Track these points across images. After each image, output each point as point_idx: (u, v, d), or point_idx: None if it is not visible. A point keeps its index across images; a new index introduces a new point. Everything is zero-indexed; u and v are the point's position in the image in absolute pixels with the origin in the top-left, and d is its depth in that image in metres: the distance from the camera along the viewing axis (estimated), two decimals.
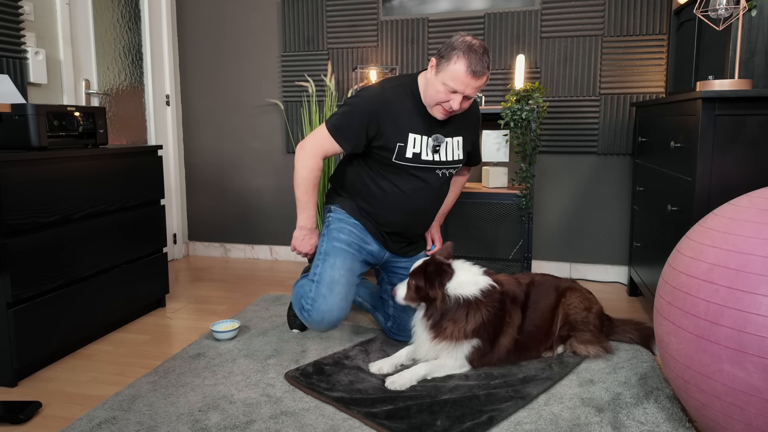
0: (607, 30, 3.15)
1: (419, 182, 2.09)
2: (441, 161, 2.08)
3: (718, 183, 1.87)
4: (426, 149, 2.04)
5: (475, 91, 1.89)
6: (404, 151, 2.01)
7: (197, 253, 4.06)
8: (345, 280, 2.04)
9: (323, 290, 2.00)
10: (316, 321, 1.99)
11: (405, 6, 3.42)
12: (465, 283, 2.00)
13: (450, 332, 1.96)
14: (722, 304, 1.33)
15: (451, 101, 1.90)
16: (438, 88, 1.90)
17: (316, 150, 2.05)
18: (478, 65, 1.83)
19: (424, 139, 2.03)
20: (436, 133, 2.04)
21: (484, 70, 1.85)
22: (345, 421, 1.72)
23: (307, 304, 2.00)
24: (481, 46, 1.87)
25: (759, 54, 2.13)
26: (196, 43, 3.84)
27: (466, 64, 1.83)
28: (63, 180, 2.19)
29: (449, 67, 1.85)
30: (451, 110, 1.94)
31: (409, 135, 2.00)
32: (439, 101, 1.92)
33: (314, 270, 2.09)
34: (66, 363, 2.21)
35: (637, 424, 1.69)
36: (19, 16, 2.63)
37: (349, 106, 2.02)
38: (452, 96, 1.89)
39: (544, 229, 3.40)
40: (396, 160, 2.02)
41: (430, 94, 1.94)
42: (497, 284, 2.06)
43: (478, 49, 1.84)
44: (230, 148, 3.89)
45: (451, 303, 1.96)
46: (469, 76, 1.84)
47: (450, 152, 2.10)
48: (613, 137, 3.21)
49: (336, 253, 2.09)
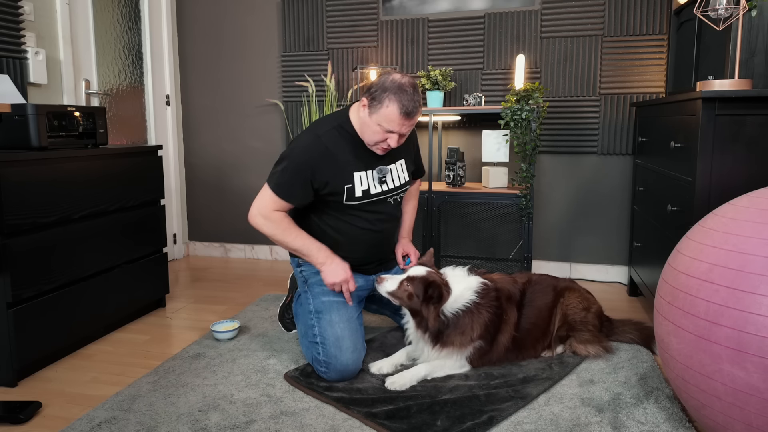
0: (607, 30, 3.15)
1: (374, 215, 2.10)
2: (390, 189, 2.11)
3: (718, 183, 1.87)
4: (373, 183, 2.06)
5: (410, 128, 1.93)
6: (353, 191, 2.02)
7: (197, 253, 4.06)
8: (349, 333, 2.00)
9: (332, 350, 1.96)
10: (337, 379, 1.97)
11: (405, 6, 3.42)
12: (459, 296, 1.98)
13: (460, 342, 1.96)
14: (722, 304, 1.33)
15: (389, 140, 1.93)
16: (374, 128, 1.93)
17: (268, 209, 2.01)
18: (409, 105, 1.86)
19: (369, 173, 2.05)
20: (379, 165, 2.07)
21: (416, 109, 1.88)
22: (345, 421, 1.72)
23: (322, 367, 1.97)
24: (411, 84, 1.89)
25: (759, 54, 2.13)
26: (196, 43, 3.84)
27: (398, 106, 1.85)
28: (63, 180, 2.19)
29: (382, 110, 1.87)
30: (390, 147, 1.98)
31: (354, 174, 2.02)
32: (377, 141, 1.95)
33: (312, 331, 2.03)
34: (66, 363, 2.21)
35: (637, 424, 1.69)
36: (19, 16, 2.63)
37: (287, 161, 2.00)
38: (389, 135, 1.92)
39: (544, 229, 3.40)
40: (347, 201, 2.03)
41: (367, 135, 1.97)
42: (488, 281, 2.06)
43: (408, 89, 1.86)
44: (230, 148, 3.89)
45: (450, 320, 1.95)
46: (403, 117, 1.87)
47: (396, 178, 2.13)
48: (613, 137, 3.21)
49: (328, 308, 2.04)
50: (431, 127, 3.04)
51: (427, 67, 3.42)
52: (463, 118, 3.36)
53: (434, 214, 3.04)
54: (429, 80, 3.13)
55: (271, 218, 2.01)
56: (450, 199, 3.03)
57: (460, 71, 3.37)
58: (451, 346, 1.97)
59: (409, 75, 2.01)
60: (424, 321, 1.95)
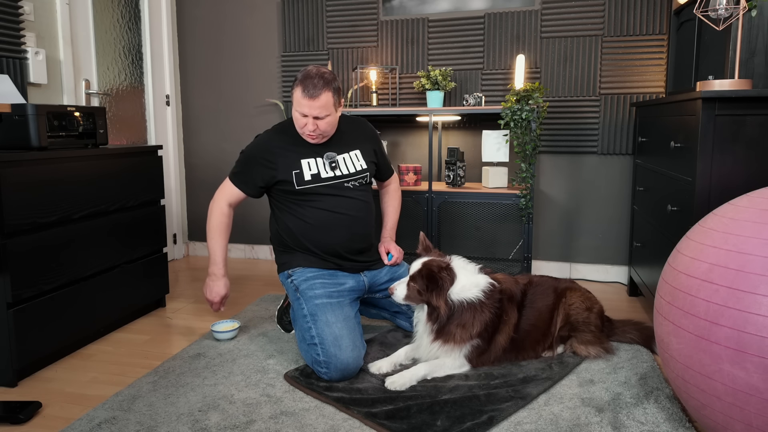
0: (607, 30, 3.15)
1: (336, 198, 2.22)
2: (345, 174, 2.25)
3: (718, 183, 1.87)
4: (324, 168, 2.22)
5: (320, 110, 2.09)
6: (302, 176, 2.19)
7: (197, 253, 4.06)
8: (347, 331, 2.02)
9: (331, 350, 1.97)
10: (338, 379, 1.98)
11: (405, 6, 3.42)
12: (467, 286, 2.00)
13: (459, 336, 1.98)
14: (722, 304, 1.33)
15: (307, 124, 2.12)
16: (295, 116, 2.15)
17: (222, 197, 2.28)
18: (310, 88, 2.06)
19: (318, 160, 2.22)
20: (326, 152, 2.25)
21: (317, 91, 2.06)
22: (345, 421, 1.72)
23: (322, 368, 1.97)
24: (318, 72, 2.09)
25: (759, 54, 2.13)
26: (196, 43, 3.84)
27: (301, 89, 2.07)
28: (63, 180, 2.19)
29: (293, 97, 2.12)
30: (312, 133, 2.15)
31: (302, 161, 2.20)
32: (301, 127, 2.16)
33: (309, 333, 2.04)
34: (66, 363, 2.21)
35: (637, 424, 1.69)
36: (19, 16, 2.63)
37: (242, 155, 2.27)
38: (305, 120, 2.12)
39: (544, 229, 3.40)
40: (298, 186, 2.18)
41: (297, 126, 2.18)
42: (496, 282, 2.07)
43: (313, 75, 2.08)
44: (230, 149, 3.88)
45: (455, 308, 1.97)
46: (306, 98, 2.06)
47: (350, 164, 2.27)
48: (613, 137, 3.21)
49: (323, 310, 2.06)
50: (431, 127, 3.04)
51: (427, 67, 3.42)
52: (463, 118, 3.36)
53: (434, 214, 3.04)
54: (429, 80, 3.13)
55: (216, 208, 2.27)
56: (450, 199, 3.04)
57: (460, 71, 3.37)
58: (452, 341, 1.98)
59: (326, 68, 2.20)
60: (436, 311, 1.97)
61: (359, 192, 2.28)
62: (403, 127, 3.51)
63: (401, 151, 3.55)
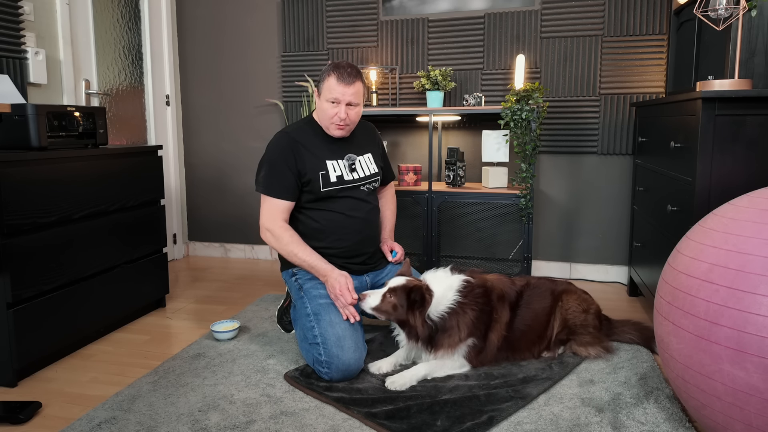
0: (607, 30, 3.15)
1: (352, 201, 2.23)
2: (361, 177, 2.27)
3: (718, 183, 1.87)
4: (345, 171, 2.23)
5: (353, 97, 2.12)
6: (328, 178, 2.18)
7: (197, 253, 4.06)
8: (350, 332, 2.02)
9: (333, 350, 1.96)
10: (339, 379, 1.98)
11: (405, 6, 3.42)
12: (441, 298, 1.98)
13: (448, 344, 1.98)
14: (722, 304, 1.33)
15: (339, 112, 2.13)
16: (324, 106, 2.15)
17: (272, 220, 2.15)
18: (345, 74, 2.11)
19: (340, 162, 2.22)
20: (347, 153, 2.26)
21: (352, 78, 2.11)
22: (345, 421, 1.72)
23: (324, 367, 1.97)
24: (348, 63, 2.16)
25: (759, 54, 2.13)
26: (196, 43, 3.84)
27: (336, 76, 2.11)
28: (63, 180, 2.19)
29: (324, 85, 2.14)
30: (342, 121, 2.15)
31: (327, 162, 2.19)
32: (330, 116, 2.15)
33: (311, 332, 2.03)
34: (66, 363, 2.21)
35: (637, 424, 1.69)
36: (19, 16, 2.63)
37: (265, 162, 2.18)
38: (336, 108, 2.13)
39: (544, 229, 3.40)
40: (324, 188, 2.17)
41: (324, 117, 2.18)
42: (471, 278, 2.07)
43: (344, 65, 2.14)
44: (230, 148, 3.88)
45: (437, 325, 1.96)
46: (341, 84, 2.10)
47: (365, 167, 2.30)
48: (613, 137, 3.21)
49: (326, 309, 2.05)
50: (431, 127, 3.04)
51: (427, 67, 3.42)
52: (463, 118, 3.36)
53: (434, 214, 3.04)
54: (429, 80, 3.13)
55: (275, 233, 2.14)
56: (450, 199, 3.03)
57: (460, 71, 3.37)
58: (442, 349, 1.99)
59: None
60: (414, 330, 1.95)
61: (370, 195, 2.32)
62: (403, 127, 3.51)
63: (401, 151, 3.55)
